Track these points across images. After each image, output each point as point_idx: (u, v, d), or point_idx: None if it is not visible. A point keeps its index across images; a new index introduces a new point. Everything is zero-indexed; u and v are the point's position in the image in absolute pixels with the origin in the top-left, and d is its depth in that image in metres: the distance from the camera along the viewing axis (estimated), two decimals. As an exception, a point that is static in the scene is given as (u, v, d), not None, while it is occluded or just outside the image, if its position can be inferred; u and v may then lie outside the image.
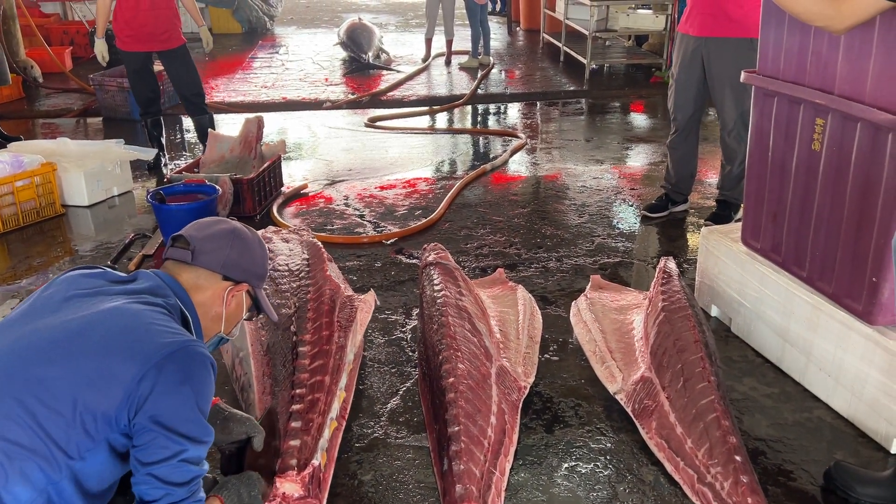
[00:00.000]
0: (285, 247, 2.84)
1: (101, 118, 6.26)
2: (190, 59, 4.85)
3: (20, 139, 5.11)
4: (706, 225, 3.62)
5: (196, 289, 1.67)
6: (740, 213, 3.71)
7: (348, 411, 2.30)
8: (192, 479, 1.44)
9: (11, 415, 1.34)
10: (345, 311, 2.45)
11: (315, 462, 1.90)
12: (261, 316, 1.88)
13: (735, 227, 2.98)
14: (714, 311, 2.98)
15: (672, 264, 2.85)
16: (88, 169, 4.27)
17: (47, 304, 1.53)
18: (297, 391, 2.07)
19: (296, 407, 2.02)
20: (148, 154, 4.65)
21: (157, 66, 5.00)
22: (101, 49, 4.85)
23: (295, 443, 1.91)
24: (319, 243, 2.91)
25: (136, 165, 4.81)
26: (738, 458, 1.96)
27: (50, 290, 1.57)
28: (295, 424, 1.96)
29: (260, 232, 2.74)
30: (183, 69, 4.83)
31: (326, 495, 1.95)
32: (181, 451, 1.42)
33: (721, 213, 3.85)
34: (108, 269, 1.66)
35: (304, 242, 2.88)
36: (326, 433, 2.02)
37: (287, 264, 2.68)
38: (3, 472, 1.31)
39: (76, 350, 1.41)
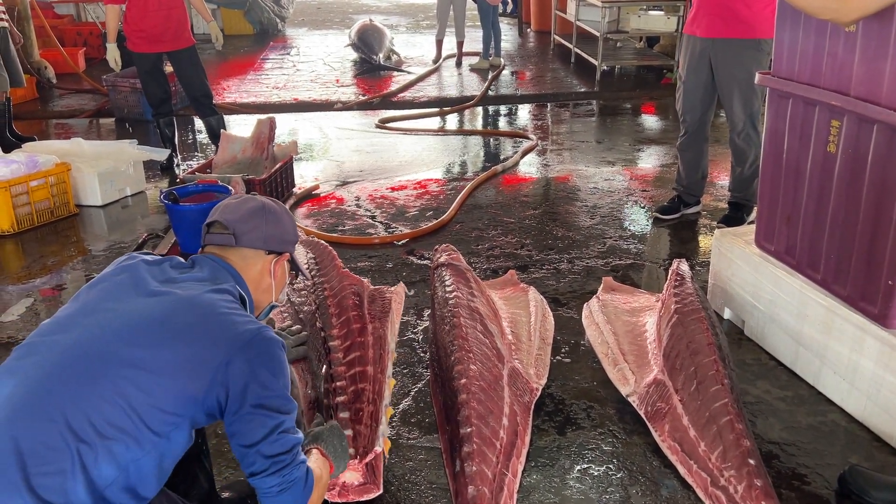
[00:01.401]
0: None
1: (113, 119, 6.31)
2: (198, 60, 4.87)
3: (34, 139, 5.15)
4: (718, 227, 3.61)
5: (245, 268, 1.77)
6: (753, 216, 3.70)
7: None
8: (293, 447, 1.55)
9: (105, 395, 1.40)
10: (376, 302, 2.48)
11: (378, 449, 1.93)
12: (298, 278, 2.04)
13: (748, 230, 2.96)
14: (727, 314, 2.97)
15: (685, 266, 2.84)
16: (102, 169, 4.30)
17: (122, 290, 1.59)
18: (338, 384, 2.11)
19: (340, 399, 2.05)
20: (161, 154, 4.67)
21: (169, 67, 5.03)
22: (113, 55, 4.87)
23: (347, 433, 1.94)
24: (323, 242, 2.93)
25: (148, 166, 4.84)
26: (751, 461, 1.95)
27: (121, 276, 1.63)
28: (343, 415, 1.99)
29: None
30: (191, 70, 4.85)
31: (381, 481, 1.97)
32: (278, 424, 1.52)
33: (733, 216, 3.83)
34: (170, 257, 1.75)
35: (304, 242, 2.89)
36: (384, 419, 2.05)
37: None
38: (94, 451, 1.37)
39: (163, 336, 1.49)
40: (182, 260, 1.73)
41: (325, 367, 2.20)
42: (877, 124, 2.18)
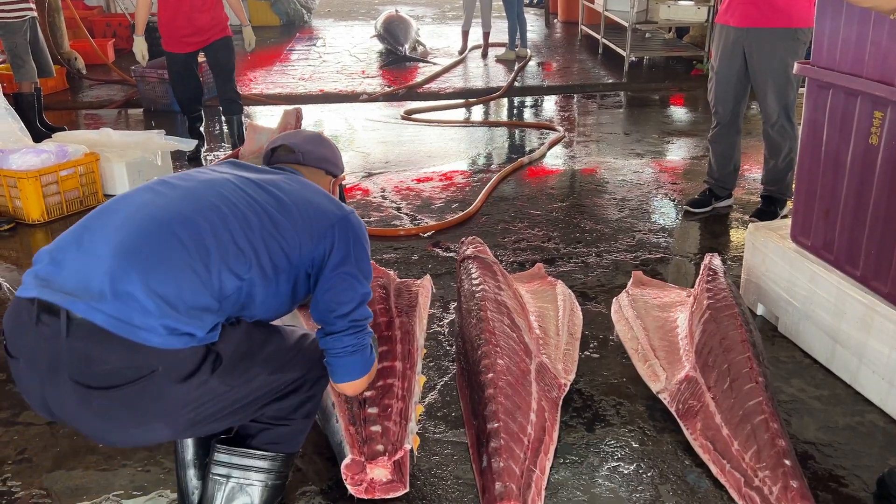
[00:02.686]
0: None
1: (142, 109, 6.35)
2: (229, 54, 4.80)
3: (64, 129, 5.20)
4: (751, 221, 3.53)
5: (314, 182, 1.92)
6: (787, 209, 3.62)
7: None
8: (369, 317, 1.78)
9: (249, 234, 1.59)
10: (403, 296, 2.45)
11: (407, 446, 1.91)
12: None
13: (783, 224, 2.89)
14: (760, 310, 2.90)
15: (717, 261, 2.78)
16: (130, 159, 4.32)
17: (225, 168, 1.79)
18: None
19: (368, 394, 2.02)
20: (188, 145, 4.69)
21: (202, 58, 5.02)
22: (140, 47, 4.84)
23: (376, 429, 1.92)
24: None
25: (176, 156, 4.86)
26: (787, 461, 1.90)
27: (223, 167, 1.80)
28: (371, 411, 1.97)
29: None
30: (222, 60, 4.78)
31: (408, 480, 1.95)
32: (364, 293, 1.74)
33: (766, 209, 3.74)
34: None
35: None
36: (414, 417, 2.03)
37: None
38: (229, 261, 1.54)
39: (283, 207, 1.68)
40: (266, 167, 1.93)
41: None
42: (922, 115, 2.10)
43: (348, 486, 1.90)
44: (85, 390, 1.41)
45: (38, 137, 4.64)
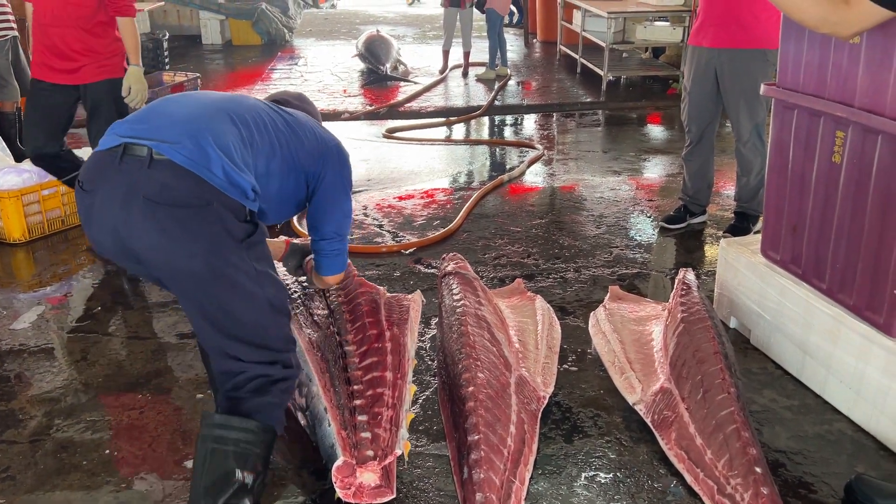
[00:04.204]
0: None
1: (123, 128, 6.35)
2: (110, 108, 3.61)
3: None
4: (725, 237, 3.62)
5: None
6: (759, 225, 3.72)
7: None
8: (349, 233, 2.25)
9: (264, 134, 1.96)
10: (394, 310, 2.51)
11: (398, 451, 1.97)
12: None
13: (754, 239, 2.98)
14: (733, 323, 2.98)
15: (691, 276, 2.85)
16: (112, 178, 4.33)
17: (240, 97, 2.09)
18: (355, 387, 2.17)
19: (358, 402, 2.10)
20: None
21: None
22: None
23: (366, 435, 1.99)
24: None
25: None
26: (758, 469, 1.96)
27: (226, 93, 2.12)
28: (361, 418, 2.04)
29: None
30: (101, 112, 3.61)
31: (395, 486, 2.00)
32: (349, 208, 2.22)
33: (739, 225, 3.84)
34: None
35: None
36: (405, 424, 2.09)
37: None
38: (261, 148, 1.93)
39: (296, 125, 2.07)
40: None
41: (341, 370, 2.24)
42: (881, 135, 2.20)
43: (337, 489, 1.93)
44: (154, 205, 1.71)
45: (19, 157, 4.64)
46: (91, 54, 3.56)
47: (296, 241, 2.56)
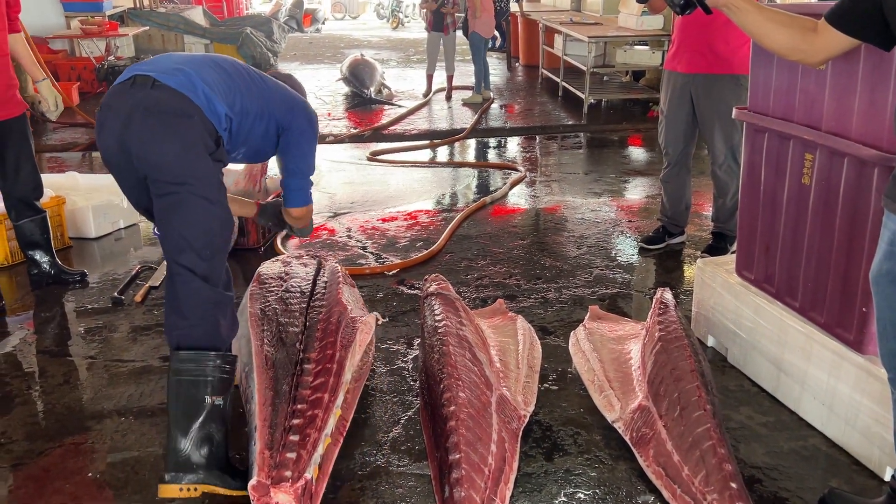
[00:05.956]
0: (303, 270, 2.92)
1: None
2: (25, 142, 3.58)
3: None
4: (702, 257, 3.69)
5: None
6: (735, 245, 3.79)
7: (346, 429, 2.34)
8: (312, 169, 2.57)
9: (240, 80, 2.34)
10: (346, 330, 2.52)
11: (307, 475, 1.96)
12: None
13: (730, 259, 3.04)
14: (710, 342, 3.03)
15: (669, 295, 2.90)
16: (96, 202, 4.35)
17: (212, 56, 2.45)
18: (299, 406, 2.15)
19: (295, 421, 2.09)
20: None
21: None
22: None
23: (291, 455, 1.99)
24: (339, 268, 2.99)
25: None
26: (733, 485, 2.00)
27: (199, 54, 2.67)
28: (293, 438, 2.04)
29: (282, 257, 3.20)
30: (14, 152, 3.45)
31: None
32: (312, 153, 2.52)
33: (717, 245, 3.92)
34: None
35: (325, 267, 2.96)
36: (320, 448, 2.08)
37: (300, 286, 2.77)
38: (238, 90, 2.31)
39: (267, 82, 2.43)
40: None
41: (291, 387, 2.24)
42: (847, 157, 2.27)
43: None
44: (150, 113, 2.13)
45: None
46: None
47: (265, 201, 2.89)
